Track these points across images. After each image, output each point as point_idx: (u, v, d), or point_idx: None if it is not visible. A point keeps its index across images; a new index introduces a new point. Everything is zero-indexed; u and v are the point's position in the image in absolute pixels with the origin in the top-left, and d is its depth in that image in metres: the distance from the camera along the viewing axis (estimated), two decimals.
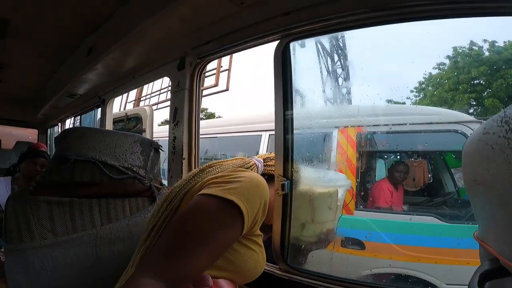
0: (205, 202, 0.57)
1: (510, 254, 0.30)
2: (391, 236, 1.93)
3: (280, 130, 0.91)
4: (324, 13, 0.80)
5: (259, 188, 0.60)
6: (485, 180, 0.32)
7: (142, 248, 0.63)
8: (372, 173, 2.53)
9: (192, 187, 0.65)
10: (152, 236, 0.62)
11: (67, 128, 1.02)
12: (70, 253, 0.76)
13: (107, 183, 0.91)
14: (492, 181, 0.31)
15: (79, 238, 0.79)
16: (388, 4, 0.73)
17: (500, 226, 0.32)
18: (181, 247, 0.53)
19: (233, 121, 3.29)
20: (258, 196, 0.59)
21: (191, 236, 0.54)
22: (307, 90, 1.11)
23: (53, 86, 2.07)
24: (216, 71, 3.99)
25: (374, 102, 2.08)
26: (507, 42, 5.97)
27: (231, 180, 0.60)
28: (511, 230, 0.30)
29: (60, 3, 1.03)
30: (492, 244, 0.34)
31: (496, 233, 0.33)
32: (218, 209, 0.55)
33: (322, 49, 2.65)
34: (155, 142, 1.12)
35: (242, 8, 0.90)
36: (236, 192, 0.56)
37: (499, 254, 0.32)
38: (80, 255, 0.77)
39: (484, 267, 0.34)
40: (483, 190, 0.33)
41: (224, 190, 0.56)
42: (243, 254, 0.62)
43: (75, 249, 0.77)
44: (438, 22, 0.77)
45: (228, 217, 0.56)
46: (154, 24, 1.06)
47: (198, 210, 0.57)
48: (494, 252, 0.33)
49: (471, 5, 0.69)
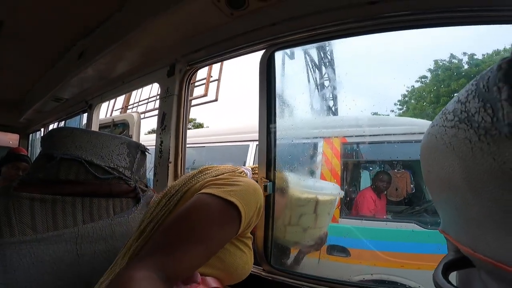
0: (206, 201, 0.59)
1: (464, 239, 0.31)
2: (375, 243, 1.98)
3: (264, 133, 0.95)
4: (308, 24, 0.86)
5: (256, 193, 0.64)
6: (434, 168, 0.34)
7: (137, 242, 0.63)
8: (356, 182, 2.60)
9: (192, 186, 0.67)
10: (149, 230, 0.62)
11: (54, 128, 1.02)
12: (49, 250, 0.75)
13: (92, 182, 0.91)
14: (439, 168, 0.32)
15: (59, 235, 0.79)
16: (370, 15, 0.79)
17: (452, 213, 0.33)
18: (180, 242, 0.53)
19: (221, 131, 3.31)
20: (255, 200, 0.63)
21: (191, 232, 0.55)
22: (291, 97, 1.17)
23: (39, 89, 2.05)
24: (206, 81, 4.03)
25: (360, 112, 2.17)
26: (485, 55, 6.30)
27: (232, 183, 0.63)
28: (460, 215, 0.31)
29: (56, 6, 1.06)
30: (451, 233, 0.35)
31: (452, 221, 0.35)
32: (218, 208, 0.57)
33: (310, 61, 2.77)
34: (141, 145, 1.13)
35: (232, 18, 0.95)
36: (237, 195, 0.59)
37: (456, 241, 0.33)
38: (60, 252, 0.77)
39: (448, 257, 0.36)
40: (435, 179, 0.35)
41: (225, 192, 0.59)
42: (233, 254, 0.64)
43: (54, 247, 0.76)
44: (421, 35, 0.84)
45: (228, 217, 0.58)
46: (147, 31, 1.10)
47: (198, 208, 0.58)
48: (452, 239, 0.34)
49: (453, 14, 0.72)
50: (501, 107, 0.22)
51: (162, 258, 0.51)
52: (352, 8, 0.77)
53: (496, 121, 0.22)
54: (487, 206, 0.25)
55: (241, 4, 0.87)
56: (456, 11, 0.70)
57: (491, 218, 0.26)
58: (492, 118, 0.23)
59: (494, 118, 0.22)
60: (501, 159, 0.22)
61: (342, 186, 2.37)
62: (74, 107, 2.18)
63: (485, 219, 0.27)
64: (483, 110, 0.24)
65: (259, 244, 0.95)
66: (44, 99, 2.03)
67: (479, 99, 0.24)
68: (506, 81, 0.22)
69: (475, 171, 0.25)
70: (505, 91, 0.21)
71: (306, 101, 2.29)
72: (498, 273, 0.27)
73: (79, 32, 1.29)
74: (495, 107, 0.22)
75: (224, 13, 0.92)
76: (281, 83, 1.03)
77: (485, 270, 0.31)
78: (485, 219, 0.27)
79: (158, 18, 0.99)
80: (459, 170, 0.28)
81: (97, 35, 1.29)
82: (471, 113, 0.26)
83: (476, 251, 0.29)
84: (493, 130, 0.22)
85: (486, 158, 0.23)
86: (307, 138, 2.36)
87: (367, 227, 2.12)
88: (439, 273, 0.33)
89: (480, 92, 0.25)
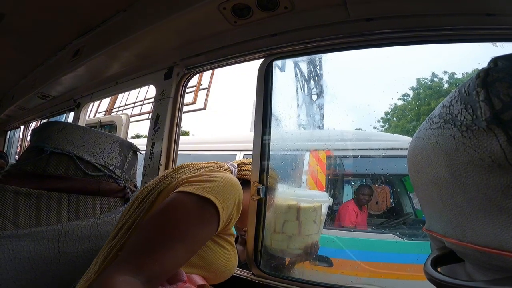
0: (182, 199, 0.58)
1: (452, 232, 0.32)
2: (357, 253, 2.02)
3: (258, 137, 0.98)
4: (305, 37, 0.92)
5: (234, 188, 0.64)
6: (422, 167, 0.36)
7: (108, 247, 0.61)
8: (339, 194, 2.67)
9: (166, 186, 0.66)
10: (121, 234, 0.61)
11: (46, 121, 1.00)
12: (29, 247, 0.72)
13: (81, 179, 0.90)
14: (426, 166, 0.35)
15: (42, 232, 0.76)
16: (361, 31, 0.85)
17: (439, 209, 0.34)
18: (159, 243, 0.52)
19: (208, 139, 3.31)
20: (233, 195, 0.62)
21: (169, 231, 0.54)
22: (286, 106, 1.22)
23: (25, 85, 1.98)
24: (196, 89, 4.03)
25: (344, 126, 2.26)
26: (465, 74, 6.67)
27: (207, 179, 0.62)
28: (447, 208, 0.33)
29: (58, 2, 1.05)
30: (437, 229, 0.36)
31: (437, 217, 0.36)
32: (195, 206, 0.57)
33: (300, 75, 2.88)
34: (134, 145, 1.13)
35: (235, 26, 0.99)
36: (213, 191, 0.59)
37: (443, 235, 0.34)
38: (41, 249, 0.74)
39: (435, 253, 0.37)
40: (422, 177, 0.37)
41: (201, 189, 0.58)
42: (216, 252, 0.64)
43: (35, 243, 0.73)
44: (409, 53, 0.92)
45: (206, 214, 0.57)
46: (148, 33, 1.11)
47: (175, 207, 0.57)
48: (439, 235, 0.35)
49: (437, 32, 0.80)
50: (479, 106, 0.26)
51: (140, 261, 0.50)
52: (349, 23, 0.84)
53: (476, 119, 0.27)
54: (471, 194, 0.28)
55: (246, 13, 0.92)
56: (445, 29, 0.78)
57: (475, 205, 0.28)
58: (472, 117, 0.27)
59: (474, 116, 0.27)
60: (480, 149, 0.26)
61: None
62: (60, 105, 2.12)
63: (470, 207, 0.29)
64: (464, 110, 0.28)
65: (249, 248, 0.96)
66: (29, 96, 1.96)
67: (461, 102, 0.29)
68: (483, 86, 0.27)
69: (459, 163, 0.29)
70: (482, 94, 0.26)
71: (294, 114, 2.38)
72: (484, 260, 0.29)
73: (78, 30, 1.28)
74: (474, 107, 0.27)
75: (229, 21, 0.96)
76: (277, 92, 1.08)
77: (471, 261, 0.32)
78: (470, 207, 0.29)
79: (162, 21, 1.01)
80: (445, 164, 0.31)
81: (96, 33, 1.29)
82: (454, 114, 0.30)
83: (464, 240, 0.30)
84: (473, 126, 0.27)
85: (468, 150, 0.28)
86: (291, 150, 2.42)
87: (347, 237, 2.18)
88: (429, 266, 0.34)
89: (462, 97, 0.29)
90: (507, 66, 0.27)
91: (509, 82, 0.25)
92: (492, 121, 0.25)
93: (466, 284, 0.29)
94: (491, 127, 0.25)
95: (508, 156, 0.24)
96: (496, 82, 0.26)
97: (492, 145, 0.25)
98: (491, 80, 0.26)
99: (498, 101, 0.25)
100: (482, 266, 0.31)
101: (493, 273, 0.29)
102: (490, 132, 0.25)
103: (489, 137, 0.26)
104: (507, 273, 0.27)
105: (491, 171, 0.26)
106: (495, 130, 0.25)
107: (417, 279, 1.72)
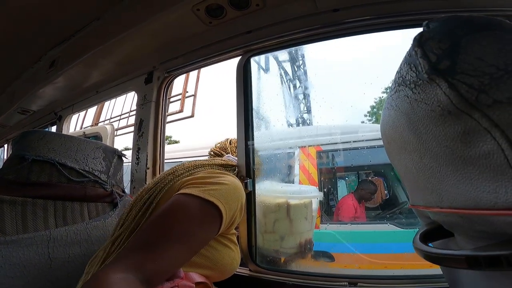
0: (186, 201, 0.59)
1: (431, 200, 0.32)
2: (359, 246, 2.05)
3: (242, 133, 1.00)
4: (280, 31, 0.95)
5: (237, 191, 0.65)
6: (392, 136, 0.38)
7: (109, 250, 0.61)
8: (332, 189, 2.70)
9: (168, 188, 0.67)
10: (125, 238, 0.61)
11: (26, 131, 0.98)
12: (18, 253, 0.71)
13: (66, 186, 0.89)
14: (394, 132, 0.36)
15: (30, 238, 0.75)
16: (334, 21, 0.89)
17: (415, 177, 0.34)
18: (160, 242, 0.53)
19: (196, 146, 3.31)
20: (236, 198, 0.64)
21: (171, 231, 0.55)
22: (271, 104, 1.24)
23: (4, 101, 1.93)
24: (182, 96, 4.01)
25: (332, 121, 2.29)
26: None
27: (212, 182, 0.63)
28: (420, 174, 0.33)
29: (31, 13, 1.04)
30: (419, 202, 0.36)
31: (416, 187, 0.36)
32: (199, 208, 0.58)
33: (284, 74, 2.92)
34: (118, 150, 1.12)
35: (211, 27, 1.01)
36: (217, 194, 0.60)
37: (425, 205, 0.34)
38: (31, 255, 0.73)
39: (423, 228, 0.38)
40: (394, 147, 0.38)
41: (205, 191, 0.59)
42: (220, 251, 0.65)
43: (24, 249, 0.72)
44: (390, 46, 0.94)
45: (209, 217, 0.58)
46: (125, 39, 1.12)
47: (179, 208, 0.58)
48: (422, 207, 0.36)
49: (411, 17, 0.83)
50: (419, 63, 0.29)
51: (140, 258, 0.49)
52: (318, 15, 0.87)
53: (419, 74, 0.29)
54: (435, 150, 0.29)
55: (220, 13, 0.94)
56: (406, 14, 0.82)
57: (441, 162, 0.29)
58: (416, 73, 0.30)
59: (417, 72, 0.30)
60: (429, 101, 0.28)
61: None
62: (42, 119, 2.08)
63: (438, 165, 0.29)
64: (410, 70, 0.31)
65: (244, 245, 0.96)
66: (9, 112, 1.92)
67: (407, 64, 0.32)
68: (419, 46, 0.30)
69: (417, 120, 0.31)
70: (419, 52, 0.29)
71: (280, 113, 2.41)
72: (468, 227, 0.29)
73: (53, 40, 1.27)
74: (416, 65, 0.30)
75: (203, 21, 0.98)
76: (256, 94, 1.10)
77: (458, 231, 0.32)
78: (438, 165, 0.29)
79: (138, 26, 1.02)
80: (407, 125, 0.33)
81: (71, 43, 1.28)
82: (404, 76, 0.33)
83: (443, 206, 0.30)
84: (419, 81, 0.29)
85: (420, 105, 0.30)
86: (279, 149, 2.43)
87: (348, 231, 2.20)
88: (417, 241, 0.35)
89: (407, 59, 0.32)
90: (436, 26, 0.30)
91: (438, 38, 0.28)
92: (431, 72, 0.28)
93: (456, 253, 0.27)
94: (432, 77, 0.28)
95: (454, 101, 0.26)
96: (429, 40, 0.29)
97: (437, 94, 0.27)
98: (424, 39, 0.29)
99: (432, 55, 0.28)
100: (469, 235, 0.31)
101: (482, 241, 0.28)
102: (433, 83, 0.28)
103: (433, 87, 0.28)
104: (493, 240, 0.26)
105: (445, 121, 0.27)
106: (436, 79, 0.27)
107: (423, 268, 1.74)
